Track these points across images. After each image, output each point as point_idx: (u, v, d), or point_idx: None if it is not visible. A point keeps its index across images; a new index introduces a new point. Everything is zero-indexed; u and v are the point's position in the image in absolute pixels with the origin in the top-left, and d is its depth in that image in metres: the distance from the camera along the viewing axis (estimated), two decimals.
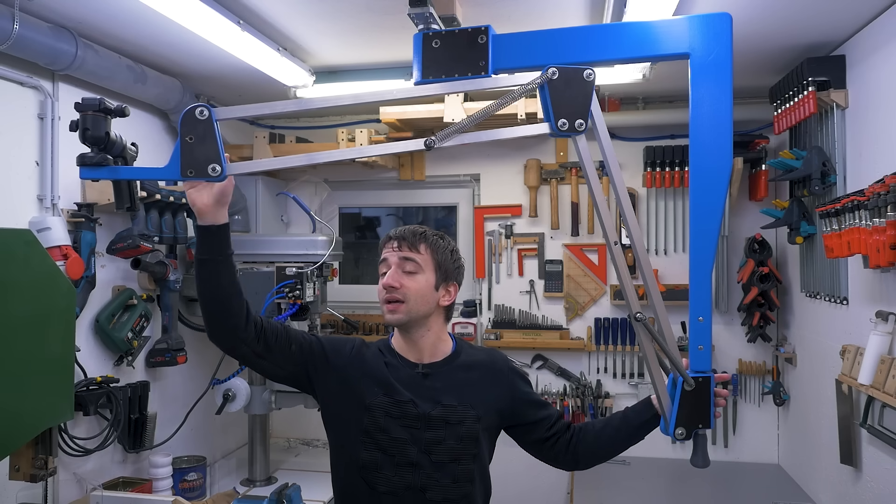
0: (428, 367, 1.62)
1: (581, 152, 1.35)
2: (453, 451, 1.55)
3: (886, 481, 2.06)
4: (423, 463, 1.54)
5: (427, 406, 1.56)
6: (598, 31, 1.42)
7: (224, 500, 2.56)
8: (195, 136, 1.30)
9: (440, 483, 1.54)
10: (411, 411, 1.55)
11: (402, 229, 1.63)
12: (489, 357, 1.70)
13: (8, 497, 1.99)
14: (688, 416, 1.38)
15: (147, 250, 2.36)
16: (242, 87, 2.87)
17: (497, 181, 3.37)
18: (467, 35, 1.35)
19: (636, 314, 1.37)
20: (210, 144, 1.30)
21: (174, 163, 1.31)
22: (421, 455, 1.54)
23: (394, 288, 1.56)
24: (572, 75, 1.31)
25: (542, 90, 1.33)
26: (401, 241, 1.60)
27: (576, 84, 1.32)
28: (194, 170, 1.31)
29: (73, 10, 2.01)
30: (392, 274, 1.57)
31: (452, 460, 1.55)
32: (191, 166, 1.31)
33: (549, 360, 3.30)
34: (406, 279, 1.57)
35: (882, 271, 2.02)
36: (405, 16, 1.71)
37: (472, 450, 1.58)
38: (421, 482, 1.54)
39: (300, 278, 2.63)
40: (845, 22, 2.18)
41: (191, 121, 1.30)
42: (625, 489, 2.84)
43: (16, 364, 1.62)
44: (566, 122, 1.32)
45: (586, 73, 1.32)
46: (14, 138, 2.10)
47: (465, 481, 1.57)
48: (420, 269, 1.59)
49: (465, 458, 1.57)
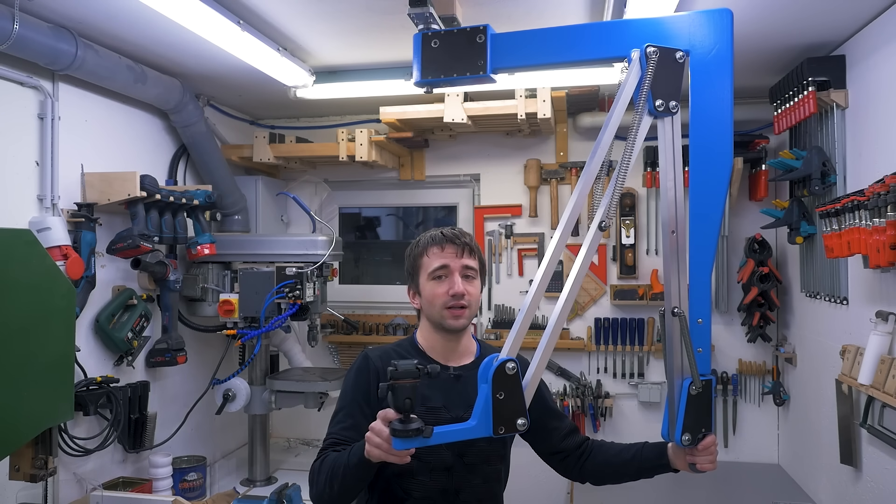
0: (459, 369, 1.62)
1: (670, 135, 1.32)
2: (484, 452, 1.58)
3: (886, 481, 2.06)
4: (457, 466, 1.56)
5: (459, 409, 1.57)
6: (597, 29, 1.41)
7: (224, 500, 2.56)
8: (505, 393, 1.27)
9: (472, 484, 1.57)
10: (444, 416, 1.56)
11: (454, 232, 1.62)
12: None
13: (8, 497, 1.99)
14: (692, 420, 1.37)
15: (147, 250, 2.36)
16: (242, 87, 2.87)
17: (497, 181, 3.37)
18: (466, 35, 1.35)
19: (674, 309, 1.32)
20: (518, 399, 1.28)
21: (485, 420, 1.26)
22: (455, 458, 1.56)
23: (463, 296, 1.57)
24: (667, 55, 1.29)
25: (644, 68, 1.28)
26: (463, 247, 1.60)
27: (671, 65, 1.29)
28: (505, 427, 1.27)
29: (73, 10, 2.01)
30: (460, 281, 1.58)
31: (484, 461, 1.59)
32: (502, 423, 1.27)
33: (548, 360, 3.30)
34: (468, 286, 1.59)
35: (882, 271, 2.02)
36: (405, 16, 1.71)
37: (501, 451, 1.62)
38: (455, 485, 1.56)
39: (300, 278, 2.63)
40: (845, 22, 2.18)
41: (502, 378, 1.26)
42: (625, 489, 2.81)
43: (16, 364, 1.62)
44: (663, 102, 1.30)
45: (679, 56, 1.29)
46: (14, 138, 2.10)
47: (493, 481, 1.61)
48: (477, 275, 1.62)
49: (494, 459, 1.61)
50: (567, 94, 2.90)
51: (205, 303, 2.78)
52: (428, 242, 1.62)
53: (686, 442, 1.37)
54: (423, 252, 1.62)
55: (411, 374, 1.23)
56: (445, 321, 1.58)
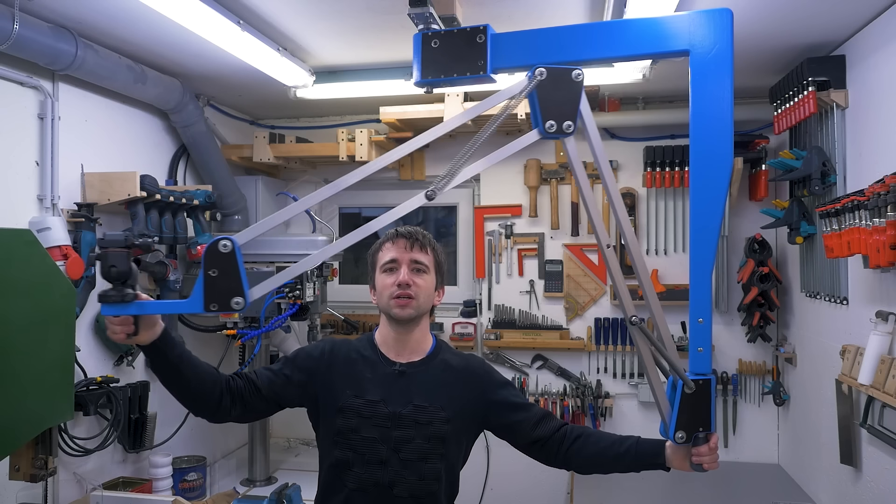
0: (405, 366, 1.66)
1: (570, 154, 1.34)
2: (421, 449, 1.59)
3: (886, 481, 2.06)
4: (392, 461, 1.58)
5: (397, 405, 1.61)
6: (596, 29, 1.41)
7: (224, 500, 2.56)
8: (218, 270, 1.28)
9: (407, 480, 1.58)
10: (381, 410, 1.60)
11: (409, 229, 1.69)
12: (466, 361, 1.73)
13: (8, 497, 1.99)
14: (688, 419, 1.36)
15: (137, 254, 2.36)
16: (242, 86, 2.87)
17: (497, 181, 3.37)
18: (466, 35, 1.35)
19: (631, 318, 1.36)
20: (233, 277, 1.28)
21: (197, 296, 1.28)
22: (390, 453, 1.59)
23: (408, 286, 1.62)
24: (560, 76, 1.30)
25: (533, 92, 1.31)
26: (413, 241, 1.66)
27: (564, 85, 1.30)
28: (217, 304, 1.28)
29: (73, 10, 2.01)
30: (406, 272, 1.63)
31: (420, 458, 1.59)
32: (214, 300, 1.28)
33: (549, 360, 3.30)
34: (416, 278, 1.64)
35: (882, 271, 2.02)
36: (405, 16, 1.71)
37: (440, 449, 1.61)
38: (389, 479, 1.58)
39: (300, 278, 2.63)
40: (845, 22, 2.18)
41: (214, 255, 1.27)
42: (625, 489, 2.84)
43: (16, 364, 1.62)
44: (554, 123, 1.31)
45: (575, 74, 1.30)
46: (14, 138, 2.10)
47: (431, 479, 1.61)
48: (427, 269, 1.67)
49: (433, 458, 1.61)
50: None
51: None
52: (383, 239, 1.70)
53: (680, 440, 1.38)
54: (378, 248, 1.70)
55: (118, 243, 1.28)
56: (392, 310, 1.63)
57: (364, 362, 1.67)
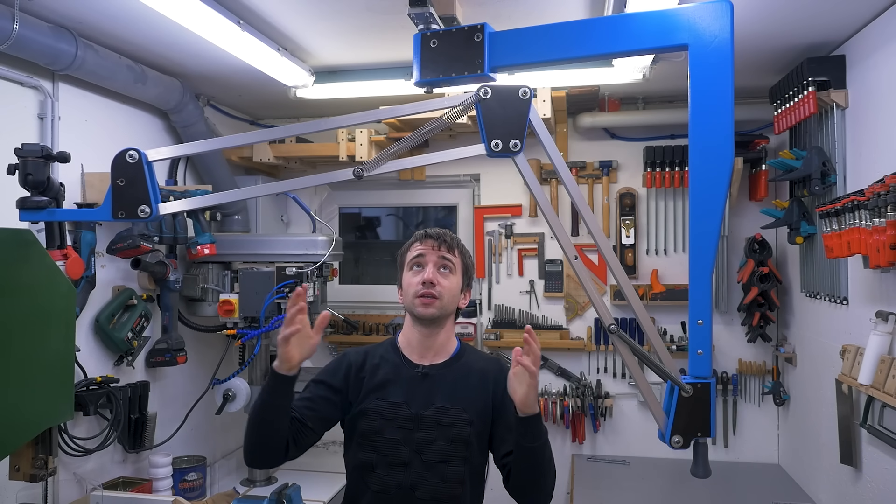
0: (428, 367, 1.65)
1: (522, 171, 1.34)
2: (443, 451, 1.59)
3: (886, 481, 2.06)
4: (414, 462, 1.58)
5: (420, 407, 1.60)
6: (593, 25, 1.40)
7: (224, 500, 2.56)
8: (126, 179, 1.35)
9: (429, 482, 1.57)
10: (404, 412, 1.60)
11: (439, 231, 1.70)
12: (485, 363, 1.72)
13: (8, 497, 1.99)
14: (685, 423, 1.33)
15: (147, 250, 2.36)
16: (242, 86, 2.87)
17: (497, 181, 3.37)
18: (463, 34, 1.34)
19: (609, 326, 1.34)
20: (140, 186, 1.34)
21: (106, 205, 1.35)
22: (412, 455, 1.58)
23: (433, 284, 1.63)
24: (507, 94, 1.30)
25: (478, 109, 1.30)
26: (441, 241, 1.67)
27: (511, 104, 1.30)
28: (125, 212, 1.35)
29: (73, 10, 2.01)
30: (432, 271, 1.64)
31: (442, 461, 1.58)
32: (121, 208, 1.35)
33: (549, 360, 3.30)
34: (442, 278, 1.65)
35: (882, 271, 2.02)
36: (405, 16, 1.70)
37: (463, 452, 1.60)
38: (411, 481, 1.57)
39: (300, 278, 2.63)
40: (845, 22, 2.18)
41: (121, 164, 1.34)
42: (625, 489, 2.84)
43: (16, 364, 1.62)
44: (500, 142, 1.31)
45: (521, 92, 1.30)
46: (14, 138, 2.09)
47: (454, 482, 1.59)
48: (454, 270, 1.68)
49: (455, 460, 1.59)
50: (567, 94, 2.90)
51: (205, 303, 2.77)
52: (412, 239, 1.71)
53: (676, 445, 1.34)
54: (406, 248, 1.71)
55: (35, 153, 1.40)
56: (416, 308, 1.64)
57: (387, 365, 1.67)
